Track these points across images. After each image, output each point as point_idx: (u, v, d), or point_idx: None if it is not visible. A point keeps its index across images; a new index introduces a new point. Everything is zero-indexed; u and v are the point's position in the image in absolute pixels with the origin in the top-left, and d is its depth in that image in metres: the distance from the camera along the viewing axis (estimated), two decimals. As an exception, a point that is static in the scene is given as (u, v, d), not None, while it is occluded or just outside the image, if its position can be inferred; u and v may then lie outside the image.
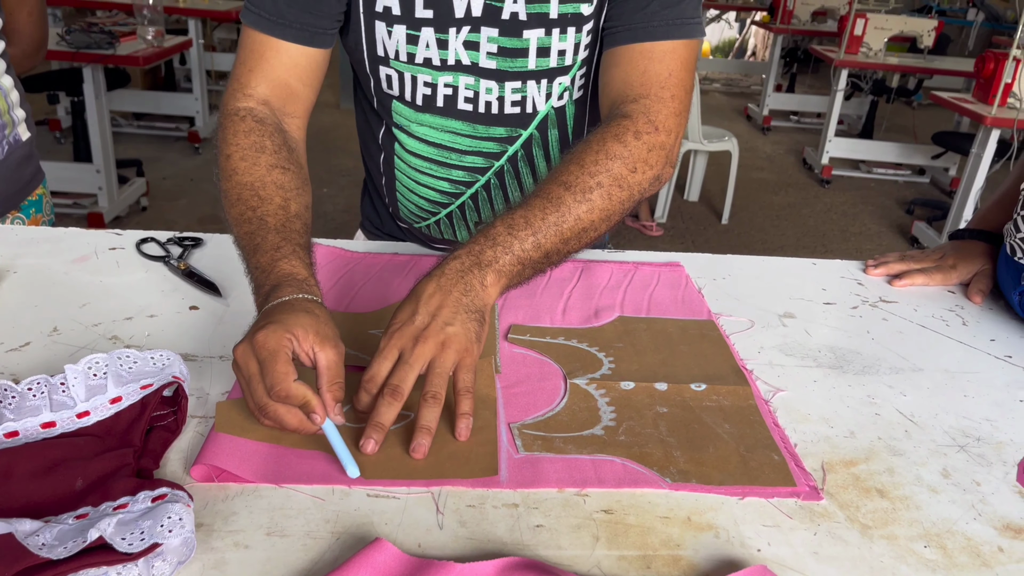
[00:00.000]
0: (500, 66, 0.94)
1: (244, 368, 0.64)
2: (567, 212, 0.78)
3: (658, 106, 0.86)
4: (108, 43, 3.24)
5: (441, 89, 0.96)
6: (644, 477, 0.64)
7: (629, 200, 0.83)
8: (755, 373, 0.81)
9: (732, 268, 1.06)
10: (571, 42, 0.93)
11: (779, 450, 0.69)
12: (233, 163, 0.83)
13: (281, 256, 0.75)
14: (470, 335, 0.70)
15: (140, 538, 0.52)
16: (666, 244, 4.02)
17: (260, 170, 0.82)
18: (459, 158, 1.02)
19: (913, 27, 5.07)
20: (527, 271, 0.77)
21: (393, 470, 0.63)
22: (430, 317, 0.70)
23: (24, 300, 0.85)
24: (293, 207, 0.81)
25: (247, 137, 0.85)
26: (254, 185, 0.81)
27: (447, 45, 0.92)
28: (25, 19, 1.25)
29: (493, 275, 0.74)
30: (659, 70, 0.87)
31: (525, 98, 0.97)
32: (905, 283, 1.04)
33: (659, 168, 0.86)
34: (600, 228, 0.82)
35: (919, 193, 5.13)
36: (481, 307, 0.72)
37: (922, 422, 0.75)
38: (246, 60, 0.91)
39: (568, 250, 0.80)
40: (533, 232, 0.76)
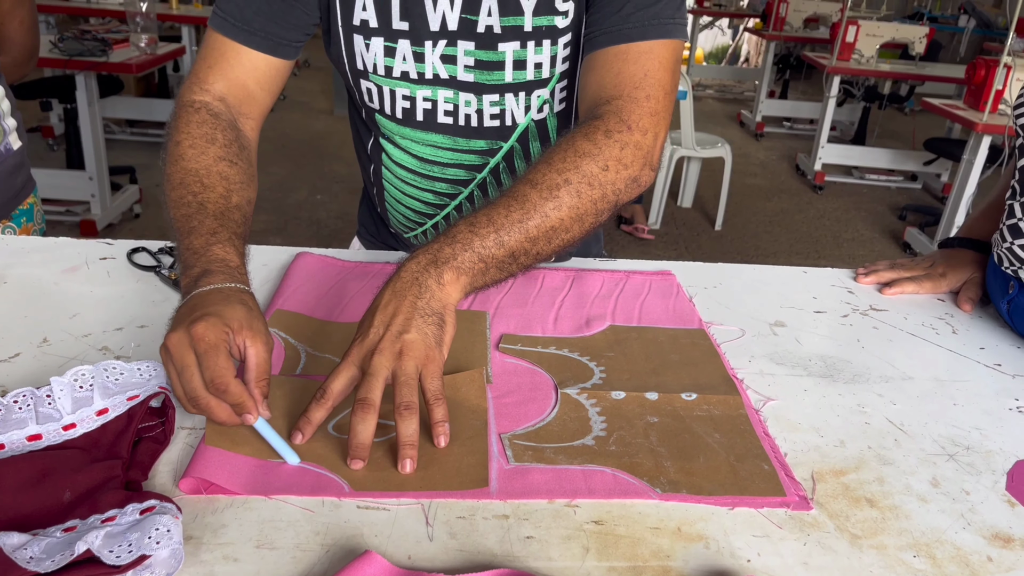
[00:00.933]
0: (477, 79, 0.94)
1: (179, 358, 0.64)
2: (532, 210, 0.76)
3: (631, 106, 0.83)
4: (101, 50, 3.24)
5: (420, 103, 0.97)
6: (634, 487, 0.64)
7: (603, 200, 0.80)
8: (746, 382, 0.81)
9: (723, 276, 1.06)
10: (547, 55, 0.92)
11: (769, 460, 0.69)
12: (181, 149, 0.84)
13: (216, 241, 0.75)
14: (428, 340, 0.68)
15: (128, 550, 0.52)
16: (659, 250, 4.02)
17: (207, 159, 0.83)
18: (441, 171, 1.02)
19: (905, 34, 5.10)
20: (491, 270, 0.74)
21: (383, 482, 0.63)
22: (384, 328, 0.68)
23: (14, 310, 0.85)
24: (235, 199, 0.81)
25: (199, 127, 0.85)
26: (199, 172, 0.82)
27: (424, 58, 0.93)
28: (16, 28, 1.25)
29: (451, 273, 0.72)
30: (633, 71, 0.85)
31: (504, 111, 0.97)
32: (895, 291, 1.04)
33: (636, 169, 0.83)
34: (572, 229, 0.79)
35: (911, 199, 5.15)
36: (439, 309, 0.70)
37: (912, 431, 0.75)
38: (207, 57, 0.92)
39: (538, 251, 0.77)
40: (496, 229, 0.74)
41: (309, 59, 7.89)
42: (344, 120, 5.97)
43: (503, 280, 0.77)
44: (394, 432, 0.68)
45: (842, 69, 4.95)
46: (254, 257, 1.02)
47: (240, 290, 0.70)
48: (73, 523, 0.55)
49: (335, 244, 0.82)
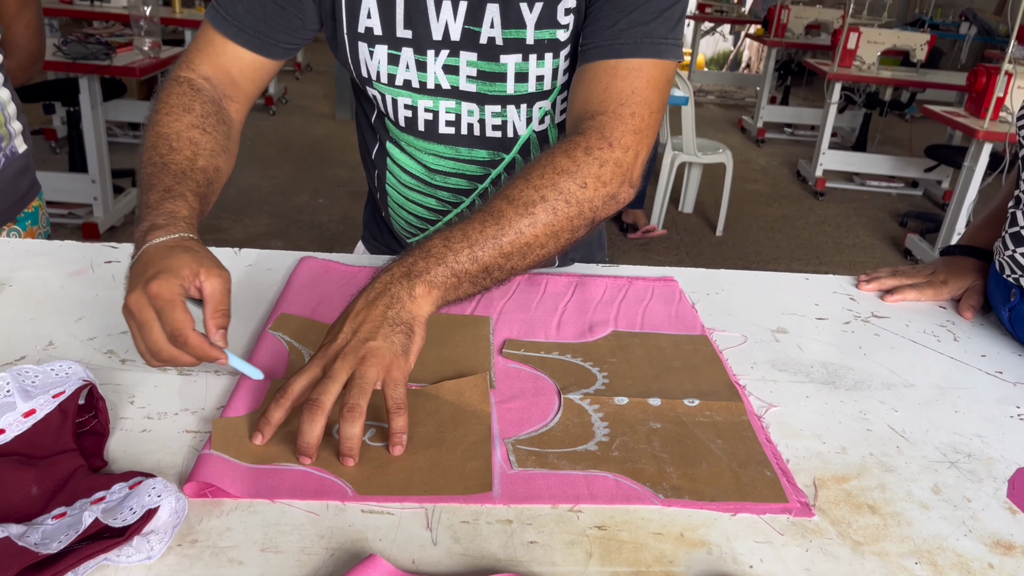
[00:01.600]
0: (480, 89, 0.94)
1: (139, 315, 0.68)
2: (507, 226, 0.76)
3: (614, 122, 0.83)
4: (104, 54, 3.25)
5: (422, 113, 0.98)
6: (637, 493, 0.64)
7: (579, 217, 0.80)
8: (748, 388, 0.81)
9: (725, 283, 1.07)
10: (549, 68, 0.93)
11: (771, 466, 0.69)
12: (158, 117, 0.87)
13: (170, 196, 0.78)
14: (394, 348, 0.69)
15: (131, 511, 0.54)
16: (661, 255, 4.03)
17: (179, 125, 0.86)
18: (443, 179, 1.03)
19: (906, 41, 5.11)
20: (464, 284, 0.75)
21: (387, 486, 0.63)
22: (352, 334, 0.69)
23: (20, 314, 0.85)
24: (200, 162, 0.84)
25: (179, 98, 0.89)
26: (169, 136, 0.85)
27: (426, 68, 0.93)
28: (22, 31, 1.25)
29: (423, 286, 0.72)
30: (621, 87, 0.85)
31: (506, 122, 0.97)
32: (897, 298, 1.05)
33: (615, 186, 0.83)
34: (548, 246, 0.79)
35: (912, 205, 5.16)
36: (408, 320, 0.71)
37: (913, 438, 0.75)
38: (197, 42, 0.95)
39: (512, 266, 0.77)
40: (470, 245, 0.75)
41: (311, 63, 7.91)
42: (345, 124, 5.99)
43: (476, 294, 0.78)
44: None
45: (843, 76, 4.96)
46: (258, 262, 1.03)
47: (184, 238, 0.73)
48: (61, 510, 0.57)
49: (337, 248, 0.83)
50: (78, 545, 0.53)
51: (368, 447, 0.67)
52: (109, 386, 0.74)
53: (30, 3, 1.24)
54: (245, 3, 0.91)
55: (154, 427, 0.69)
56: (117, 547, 0.53)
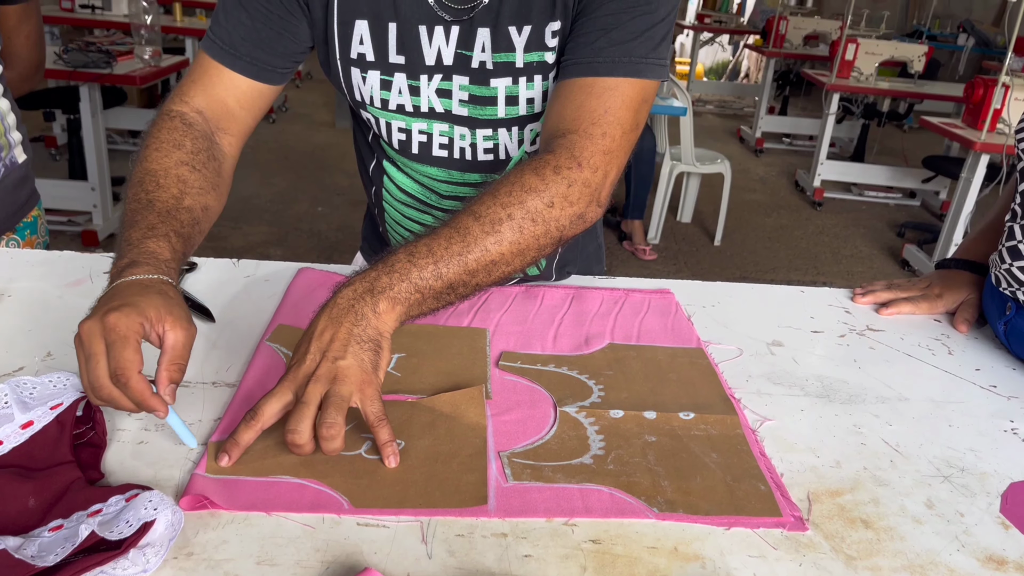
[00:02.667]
0: (472, 113, 0.94)
1: (88, 346, 0.65)
2: (473, 243, 0.75)
3: (584, 142, 0.82)
4: (105, 62, 3.26)
5: (416, 136, 0.98)
6: (631, 507, 0.65)
7: (546, 236, 0.80)
8: (743, 402, 0.82)
9: (721, 295, 1.07)
10: (539, 90, 0.92)
11: (765, 480, 0.69)
12: (147, 152, 0.85)
13: (152, 235, 0.75)
14: (364, 366, 0.68)
15: (128, 524, 0.54)
16: (659, 265, 4.03)
17: (168, 162, 0.84)
18: (438, 200, 1.03)
19: (904, 52, 5.13)
20: (428, 300, 0.74)
21: (383, 499, 0.63)
22: (320, 354, 0.69)
23: (18, 324, 0.86)
24: (187, 201, 0.82)
25: (169, 134, 0.87)
26: (157, 173, 0.83)
27: (419, 92, 0.94)
28: (23, 42, 1.26)
29: (387, 302, 0.71)
30: (594, 106, 0.83)
31: (497, 145, 0.97)
32: (892, 312, 1.05)
33: (582, 206, 0.82)
34: (513, 263, 0.79)
35: (910, 216, 5.17)
36: (375, 336, 0.70)
37: (907, 452, 0.76)
38: (192, 74, 0.94)
39: (477, 282, 0.77)
40: (435, 261, 0.74)
41: (311, 71, 7.93)
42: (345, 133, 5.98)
43: (440, 309, 0.77)
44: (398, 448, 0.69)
45: (841, 87, 4.98)
46: (256, 272, 1.03)
47: (162, 281, 0.71)
48: (58, 523, 0.57)
49: (336, 256, 0.84)
50: (74, 558, 0.53)
51: (364, 460, 0.68)
52: (107, 397, 0.74)
53: (30, 14, 1.25)
54: (241, 31, 0.90)
55: (151, 439, 0.69)
56: (113, 560, 0.53)
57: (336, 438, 0.65)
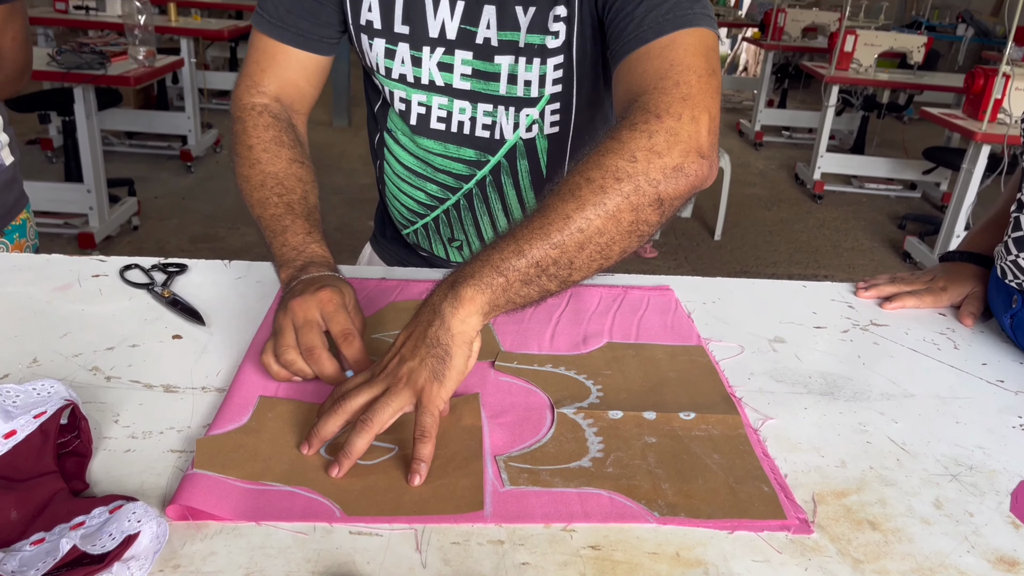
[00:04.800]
0: (475, 87, 0.96)
1: (301, 315, 0.75)
2: (552, 213, 0.69)
3: (657, 95, 0.75)
4: (99, 63, 3.24)
5: (415, 107, 1.00)
6: (631, 511, 0.63)
7: (637, 193, 0.70)
8: (744, 400, 0.80)
9: (722, 291, 1.05)
10: (536, 73, 0.94)
11: (769, 481, 0.67)
12: (256, 153, 0.92)
13: (312, 240, 0.85)
14: (427, 373, 0.67)
15: (111, 538, 0.53)
16: (659, 260, 4.02)
17: (282, 162, 0.91)
18: (433, 173, 1.05)
19: (903, 43, 5.10)
20: (515, 285, 0.68)
21: (376, 506, 0.62)
22: (397, 351, 0.70)
23: (3, 330, 0.84)
24: (311, 199, 0.91)
25: (267, 131, 0.93)
26: (278, 175, 0.90)
27: (421, 63, 0.95)
28: (8, 44, 1.24)
29: (468, 290, 0.67)
30: (657, 65, 0.78)
31: (495, 123, 0.98)
32: (896, 306, 1.03)
33: (676, 157, 0.72)
34: (609, 230, 0.70)
35: (911, 208, 5.15)
36: (447, 341, 0.67)
37: (914, 450, 0.74)
38: (259, 60, 0.98)
39: (570, 259, 0.69)
40: (515, 240, 0.69)
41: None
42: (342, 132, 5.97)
43: (536, 299, 0.71)
44: (388, 456, 0.68)
45: (841, 79, 4.96)
46: (248, 274, 1.01)
47: (335, 277, 0.81)
48: (40, 536, 0.55)
49: (334, 255, 0.84)
50: (56, 573, 0.51)
51: (357, 466, 0.66)
52: (93, 404, 0.73)
53: (16, 16, 1.23)
54: (286, 3, 0.94)
55: (138, 447, 0.68)
56: (96, 574, 0.52)
57: (363, 434, 0.65)
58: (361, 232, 3.76)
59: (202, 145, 4.98)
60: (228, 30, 4.87)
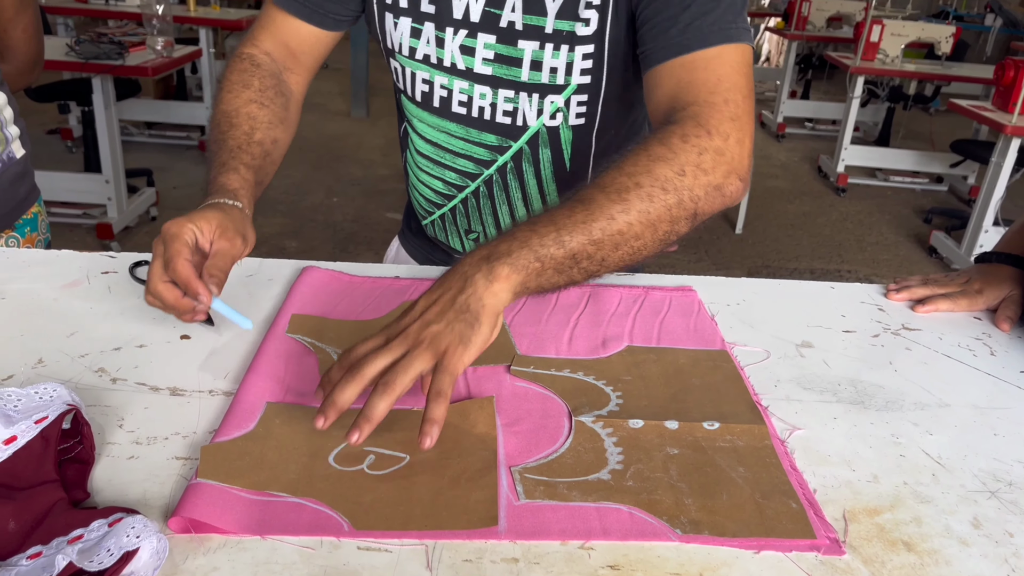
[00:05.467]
0: (495, 72, 0.94)
1: (153, 251, 0.76)
2: (598, 211, 0.71)
3: (708, 111, 0.78)
4: (117, 53, 3.23)
5: (437, 89, 0.99)
6: (653, 528, 0.60)
7: (679, 207, 0.74)
8: (771, 409, 0.77)
9: (747, 292, 1.02)
10: (563, 60, 0.91)
11: (797, 497, 0.64)
12: (221, 94, 0.95)
13: (224, 171, 0.85)
14: (452, 337, 0.66)
15: (108, 554, 0.51)
16: (679, 254, 3.97)
17: (239, 101, 0.93)
18: (452, 159, 1.04)
19: (931, 33, 5.01)
20: (548, 271, 0.69)
21: (385, 520, 0.59)
22: (420, 314, 0.68)
23: (10, 329, 0.82)
24: (257, 135, 0.91)
25: (239, 75, 0.96)
26: (229, 113, 0.92)
27: (444, 45, 0.94)
28: (19, 36, 1.22)
29: (504, 268, 0.68)
30: (706, 77, 0.80)
31: (517, 109, 0.97)
32: (929, 309, 0.99)
33: (718, 176, 0.77)
34: (644, 236, 0.73)
35: (937, 202, 5.06)
36: (477, 308, 0.67)
37: (950, 465, 0.70)
38: (260, 20, 1.02)
39: (603, 256, 0.72)
40: (557, 229, 0.70)
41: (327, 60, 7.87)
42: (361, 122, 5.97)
43: (563, 286, 0.73)
44: (399, 466, 0.65)
45: (866, 69, 4.87)
46: (259, 272, 0.99)
47: (224, 203, 0.81)
48: (37, 550, 0.54)
49: (351, 247, 0.85)
50: None
51: (366, 476, 0.64)
52: (97, 408, 0.71)
53: (27, 7, 1.21)
54: None
55: (142, 453, 0.65)
56: None
57: (385, 397, 0.63)
58: (377, 223, 3.75)
59: (221, 135, 4.97)
60: (247, 20, 4.87)
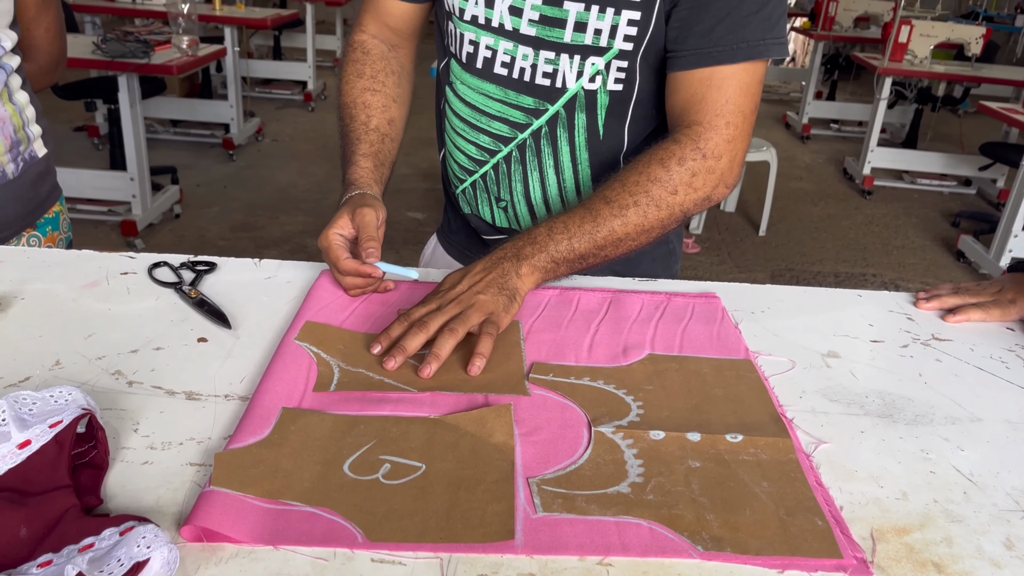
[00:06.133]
0: (539, 33, 0.96)
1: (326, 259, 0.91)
2: (602, 223, 0.89)
3: (709, 134, 0.91)
4: (143, 52, 3.26)
5: (482, 50, 1.01)
6: (673, 544, 0.58)
7: (669, 217, 0.92)
8: (796, 421, 0.75)
9: (771, 299, 1.00)
10: (608, 23, 0.93)
11: (823, 514, 0.62)
12: (341, 86, 1.08)
13: (348, 166, 1.00)
14: (498, 304, 0.83)
15: (119, 565, 0.50)
16: (701, 256, 3.93)
17: (354, 92, 1.06)
18: (488, 122, 1.06)
19: (960, 34, 4.92)
20: (562, 268, 0.89)
21: (400, 532, 0.58)
22: (469, 286, 0.84)
23: (28, 330, 0.82)
24: (373, 122, 1.03)
25: (352, 65, 1.08)
26: (347, 105, 1.06)
27: (494, 5, 0.97)
28: (42, 35, 1.22)
29: (527, 267, 0.87)
30: (716, 97, 0.91)
31: (556, 71, 0.98)
32: (960, 319, 0.97)
33: (707, 190, 0.93)
34: (639, 239, 0.92)
35: (965, 205, 4.98)
36: (513, 290, 0.85)
37: (982, 482, 0.68)
38: (365, 4, 1.13)
39: (605, 254, 0.91)
40: (569, 237, 0.89)
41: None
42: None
43: (574, 273, 0.93)
44: (416, 475, 0.64)
45: (894, 70, 4.80)
46: (277, 274, 0.98)
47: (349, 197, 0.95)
48: (47, 558, 0.53)
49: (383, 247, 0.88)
50: None
51: (381, 486, 0.62)
52: (113, 411, 0.70)
53: (49, 6, 1.21)
54: None
55: (156, 459, 0.65)
56: None
57: (449, 340, 0.78)
58: (398, 222, 3.74)
59: (244, 133, 5.01)
60: (271, 19, 4.89)
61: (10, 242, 1.16)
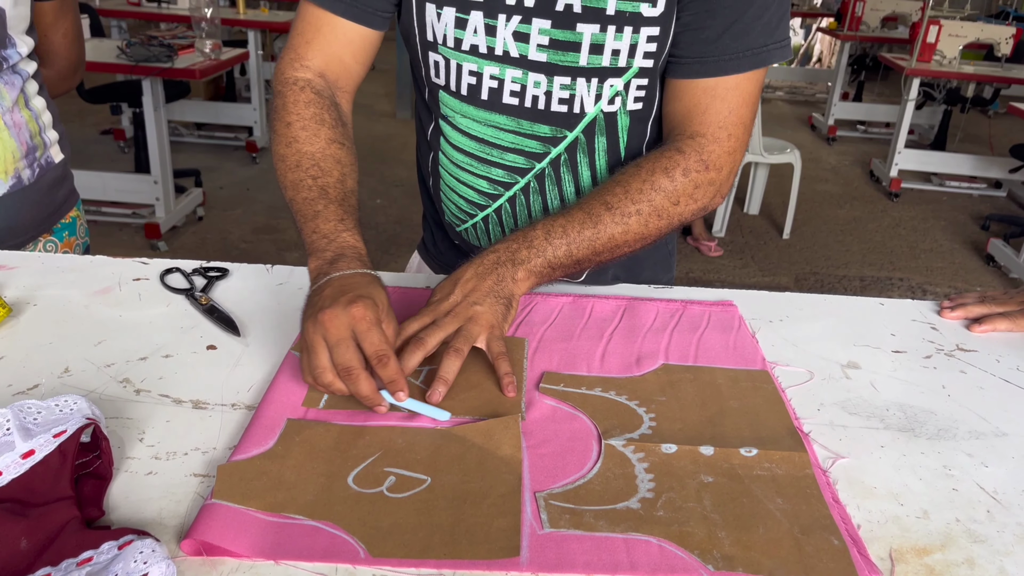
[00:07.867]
0: (551, 59, 0.89)
1: (336, 332, 0.69)
2: (603, 230, 0.86)
3: (713, 146, 0.89)
4: (167, 56, 3.29)
5: (487, 80, 0.93)
6: (683, 562, 0.57)
7: (668, 227, 0.90)
8: (813, 435, 0.73)
9: (790, 307, 0.97)
10: (626, 42, 0.87)
11: (839, 533, 0.60)
12: (294, 131, 0.89)
13: (345, 228, 0.82)
14: (496, 315, 0.79)
15: None
16: (724, 260, 3.89)
17: (321, 142, 0.89)
18: (500, 155, 0.98)
19: (990, 34, 4.84)
20: (558, 272, 0.86)
21: (403, 547, 0.57)
22: (463, 296, 0.80)
23: (39, 336, 0.82)
24: (349, 183, 0.88)
25: (307, 108, 0.90)
26: (315, 156, 0.87)
27: (495, 32, 0.89)
28: (60, 40, 1.23)
29: (524, 272, 0.83)
30: (719, 108, 0.88)
31: (573, 96, 0.92)
32: (986, 329, 0.94)
33: (705, 201, 0.91)
34: (635, 246, 0.89)
35: (995, 208, 4.89)
36: (508, 296, 0.82)
37: (1007, 500, 0.66)
38: (304, 32, 0.94)
39: (600, 260, 0.88)
40: (568, 243, 0.85)
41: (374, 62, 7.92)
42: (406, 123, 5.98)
43: (565, 277, 0.88)
44: (420, 488, 0.63)
45: (922, 71, 4.73)
46: (289, 280, 0.98)
47: (372, 276, 0.78)
48: (46, 571, 0.52)
49: (393, 249, 0.85)
50: None
51: (386, 499, 0.62)
52: (119, 420, 0.70)
53: (67, 12, 1.22)
54: None
55: (161, 469, 0.64)
56: None
57: (456, 361, 0.74)
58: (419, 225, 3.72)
59: (267, 136, 5.04)
60: (294, 22, 4.91)
61: (27, 247, 1.17)
